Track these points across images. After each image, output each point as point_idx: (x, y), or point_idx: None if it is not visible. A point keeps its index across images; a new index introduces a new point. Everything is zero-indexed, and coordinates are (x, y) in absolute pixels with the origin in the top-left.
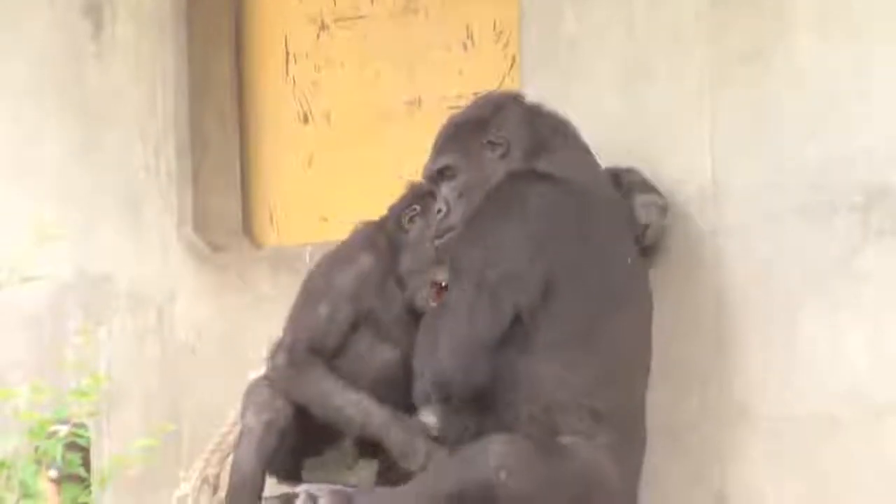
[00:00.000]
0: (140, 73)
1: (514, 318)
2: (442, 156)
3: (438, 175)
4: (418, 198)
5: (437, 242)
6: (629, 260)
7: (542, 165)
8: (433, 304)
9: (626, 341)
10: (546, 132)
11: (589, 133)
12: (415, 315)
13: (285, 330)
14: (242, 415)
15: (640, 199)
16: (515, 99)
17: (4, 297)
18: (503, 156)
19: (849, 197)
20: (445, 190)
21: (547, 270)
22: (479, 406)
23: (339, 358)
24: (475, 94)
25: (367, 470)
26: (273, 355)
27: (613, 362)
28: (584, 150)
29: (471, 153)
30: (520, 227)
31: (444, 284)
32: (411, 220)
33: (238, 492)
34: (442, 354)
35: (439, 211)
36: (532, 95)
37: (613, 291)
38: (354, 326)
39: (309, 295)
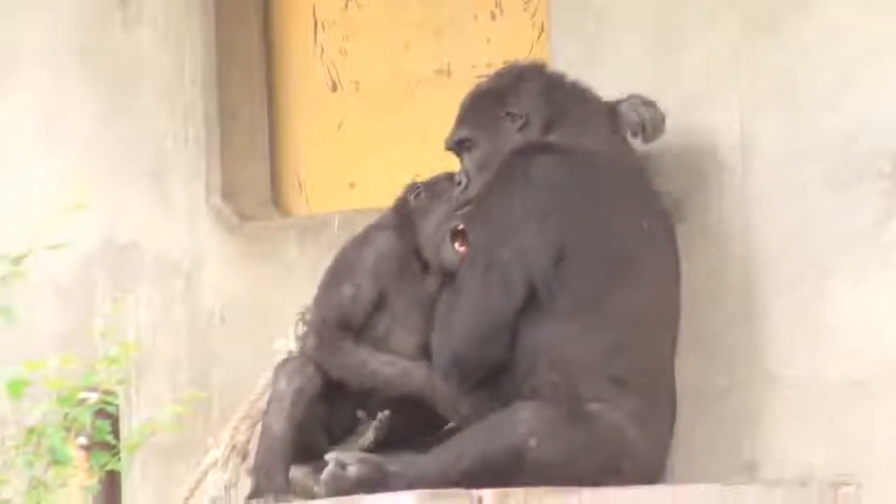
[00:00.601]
0: (168, 40)
1: (529, 291)
2: (461, 128)
3: (458, 146)
4: (421, 183)
5: (457, 213)
6: (645, 225)
7: (553, 137)
8: (460, 250)
9: (645, 307)
10: (565, 103)
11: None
12: (433, 301)
13: (313, 312)
14: (273, 383)
15: (624, 105)
16: (537, 69)
17: (33, 264)
18: (522, 127)
19: (876, 164)
20: (466, 162)
21: (556, 241)
22: (500, 380)
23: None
24: (504, 62)
25: (371, 430)
26: (304, 338)
27: (631, 328)
28: (606, 123)
29: (489, 125)
30: (525, 201)
31: (461, 228)
32: (416, 196)
33: (267, 456)
34: (456, 336)
35: (459, 183)
36: (560, 63)
37: (627, 258)
38: (376, 306)
39: (333, 275)
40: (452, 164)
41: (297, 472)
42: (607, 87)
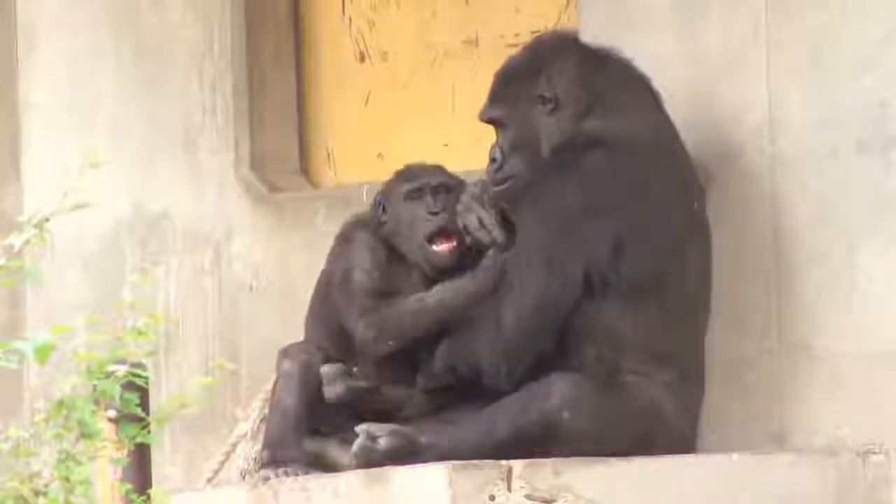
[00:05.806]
0: (197, 11)
1: (585, 283)
2: (492, 106)
3: (490, 123)
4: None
5: (494, 190)
6: (695, 206)
7: (595, 124)
8: (441, 249)
9: (692, 288)
10: (604, 86)
11: (645, 69)
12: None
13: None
14: (278, 367)
15: None
16: (573, 45)
17: (61, 234)
18: (553, 111)
19: None
20: (500, 139)
21: (612, 234)
22: (547, 359)
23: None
24: (532, 32)
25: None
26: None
27: (678, 308)
28: (648, 103)
29: (520, 106)
30: (580, 197)
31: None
32: (384, 211)
33: (280, 428)
34: (509, 330)
35: (493, 160)
36: (588, 33)
37: (678, 244)
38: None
39: (331, 286)
40: (480, 133)
41: (317, 444)
42: (636, 54)
